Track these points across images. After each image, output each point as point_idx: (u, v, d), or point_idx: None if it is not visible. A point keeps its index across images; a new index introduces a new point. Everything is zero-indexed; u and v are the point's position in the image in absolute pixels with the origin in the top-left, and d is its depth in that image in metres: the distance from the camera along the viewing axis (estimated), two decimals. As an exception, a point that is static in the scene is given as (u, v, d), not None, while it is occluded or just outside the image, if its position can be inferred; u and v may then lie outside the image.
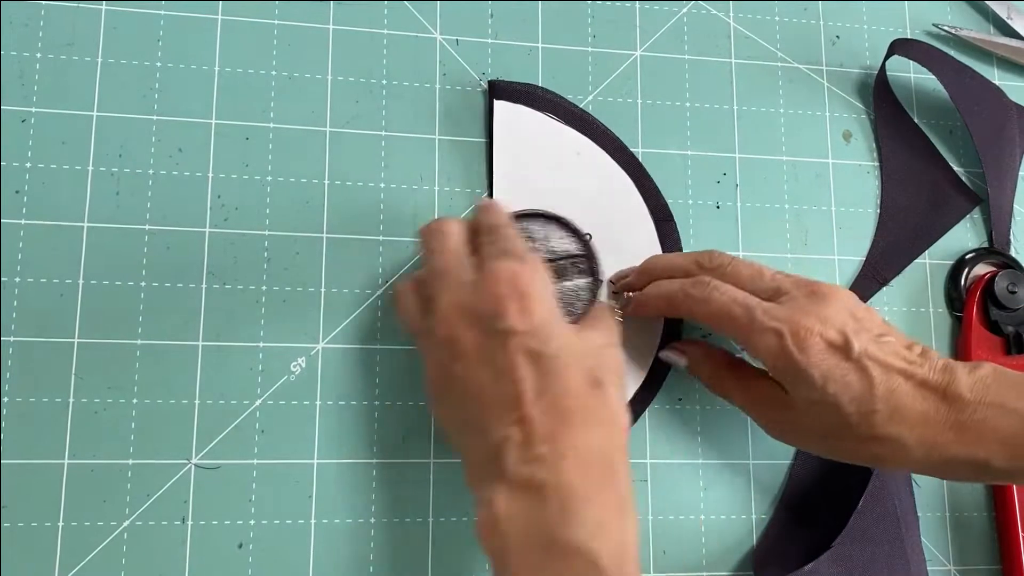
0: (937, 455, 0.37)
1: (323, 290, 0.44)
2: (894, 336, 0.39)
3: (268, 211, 0.44)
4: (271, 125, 0.45)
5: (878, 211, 0.51)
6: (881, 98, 0.53)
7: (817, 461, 0.46)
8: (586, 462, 0.33)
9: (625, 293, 0.45)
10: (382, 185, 0.46)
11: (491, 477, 0.34)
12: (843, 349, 0.38)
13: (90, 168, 0.43)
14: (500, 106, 0.47)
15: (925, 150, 0.52)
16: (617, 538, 0.33)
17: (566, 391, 0.34)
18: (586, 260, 0.45)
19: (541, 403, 0.34)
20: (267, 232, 0.44)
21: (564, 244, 0.44)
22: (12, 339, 0.41)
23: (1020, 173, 0.53)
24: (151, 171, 0.44)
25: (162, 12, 0.45)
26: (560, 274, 0.44)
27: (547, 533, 0.31)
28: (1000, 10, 0.55)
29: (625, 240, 0.47)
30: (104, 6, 0.45)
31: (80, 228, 0.42)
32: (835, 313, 0.38)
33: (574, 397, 0.34)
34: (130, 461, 0.41)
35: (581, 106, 0.49)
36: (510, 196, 0.46)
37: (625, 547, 0.33)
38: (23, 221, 0.42)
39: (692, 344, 0.45)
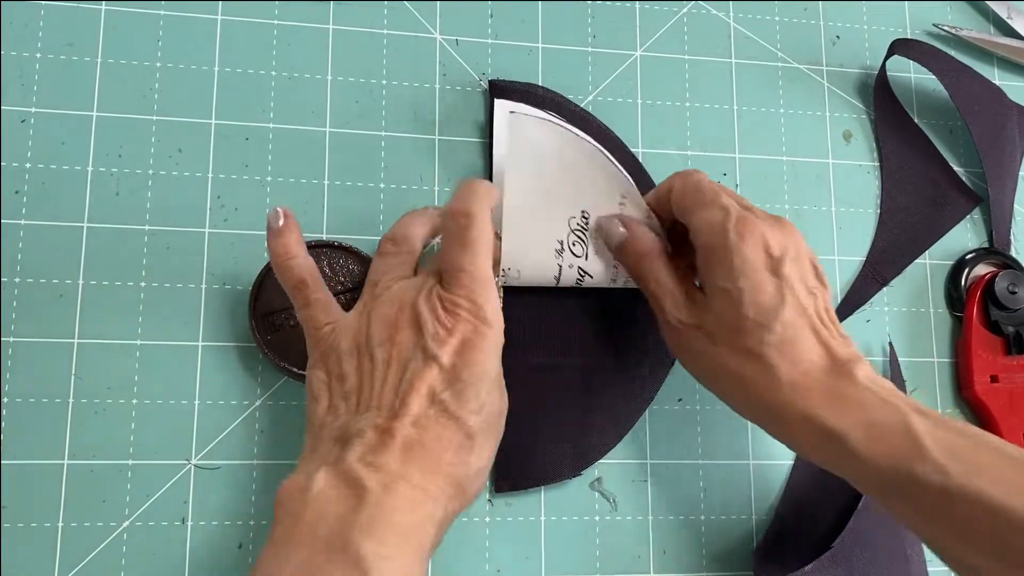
0: (799, 405, 0.36)
1: (323, 290, 0.44)
2: (826, 310, 0.38)
3: (268, 211, 0.44)
4: (271, 125, 0.45)
5: (878, 211, 0.51)
6: (881, 98, 0.53)
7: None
8: (412, 502, 0.33)
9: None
10: (382, 185, 0.46)
11: (326, 454, 0.34)
12: (774, 262, 0.37)
13: (90, 168, 0.43)
14: (500, 104, 0.47)
15: (925, 150, 0.52)
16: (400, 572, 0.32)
17: (439, 439, 0.35)
18: None
19: (411, 433, 0.34)
20: (267, 232, 0.44)
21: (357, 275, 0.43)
22: (12, 339, 0.41)
23: (1020, 173, 0.53)
24: (151, 171, 0.44)
25: (162, 12, 0.45)
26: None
27: (343, 530, 0.31)
28: (1000, 10, 0.55)
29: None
30: (104, 6, 0.45)
31: (80, 228, 0.42)
32: (784, 237, 0.38)
33: (442, 450, 0.35)
34: (130, 461, 0.41)
35: (581, 106, 0.49)
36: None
37: None
38: (23, 221, 0.42)
39: (635, 223, 0.43)
